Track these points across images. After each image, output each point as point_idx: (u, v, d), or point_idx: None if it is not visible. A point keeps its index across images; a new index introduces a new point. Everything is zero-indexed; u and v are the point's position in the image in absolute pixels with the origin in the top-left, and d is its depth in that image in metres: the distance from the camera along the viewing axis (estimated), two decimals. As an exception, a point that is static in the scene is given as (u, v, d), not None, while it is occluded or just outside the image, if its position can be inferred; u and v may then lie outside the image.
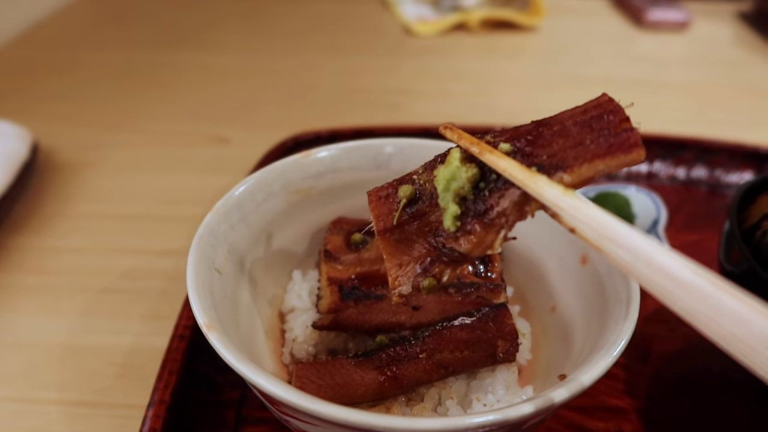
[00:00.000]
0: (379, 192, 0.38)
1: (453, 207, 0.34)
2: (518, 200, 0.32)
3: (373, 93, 1.00)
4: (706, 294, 0.24)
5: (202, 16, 1.32)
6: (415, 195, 0.36)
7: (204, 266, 0.38)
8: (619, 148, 0.31)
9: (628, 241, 0.27)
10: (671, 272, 0.25)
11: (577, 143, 0.32)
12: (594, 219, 0.28)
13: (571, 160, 0.32)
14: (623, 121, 0.32)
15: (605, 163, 0.31)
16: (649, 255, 0.26)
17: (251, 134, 0.86)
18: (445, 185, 0.35)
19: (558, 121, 0.33)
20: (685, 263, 0.25)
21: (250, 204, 0.44)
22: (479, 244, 0.33)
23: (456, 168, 0.34)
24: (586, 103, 0.33)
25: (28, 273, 0.61)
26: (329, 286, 0.43)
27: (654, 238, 0.57)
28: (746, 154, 0.72)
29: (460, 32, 1.22)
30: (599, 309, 0.40)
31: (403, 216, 0.36)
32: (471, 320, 0.39)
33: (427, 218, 0.36)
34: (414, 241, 0.36)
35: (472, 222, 0.33)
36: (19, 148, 0.71)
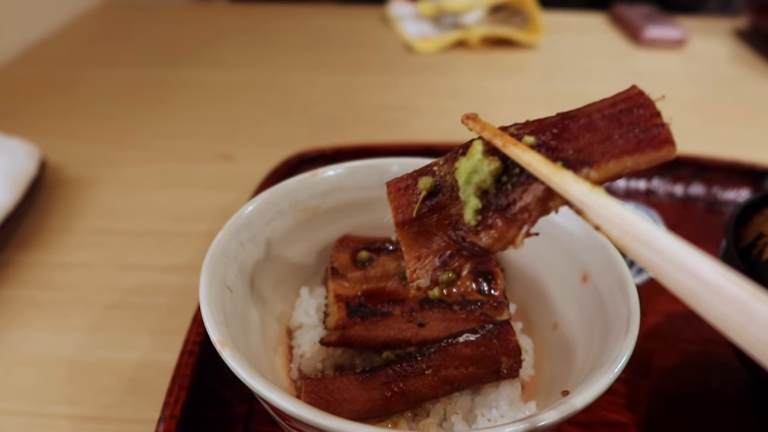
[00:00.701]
0: (398, 183, 0.38)
1: (474, 200, 0.33)
2: (542, 195, 0.31)
3: (373, 109, 1.01)
4: (739, 301, 0.23)
5: (201, 33, 1.34)
6: (435, 187, 0.36)
7: (216, 284, 0.39)
8: (648, 144, 0.30)
9: (656, 242, 0.25)
10: (702, 276, 0.24)
11: (605, 138, 0.31)
12: (621, 218, 0.27)
13: (598, 156, 0.30)
14: (654, 116, 0.31)
15: (634, 159, 0.30)
16: (678, 257, 0.24)
17: (254, 150, 0.88)
18: (466, 178, 0.34)
19: (585, 114, 0.32)
20: (717, 268, 0.24)
21: (259, 223, 0.45)
22: (500, 239, 0.32)
23: (478, 161, 0.33)
24: (614, 96, 0.33)
25: (36, 288, 0.62)
26: (336, 303, 0.44)
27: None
28: (743, 172, 0.73)
29: (460, 49, 1.24)
30: (600, 326, 0.41)
31: (422, 208, 0.36)
32: (475, 337, 0.40)
33: (447, 211, 0.35)
34: (433, 233, 0.35)
35: (494, 216, 0.32)
36: (27, 165, 0.72)
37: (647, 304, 0.58)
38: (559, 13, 1.45)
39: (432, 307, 0.43)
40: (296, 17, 1.43)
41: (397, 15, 1.36)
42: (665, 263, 0.25)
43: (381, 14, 1.42)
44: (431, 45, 1.23)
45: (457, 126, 0.38)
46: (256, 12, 1.48)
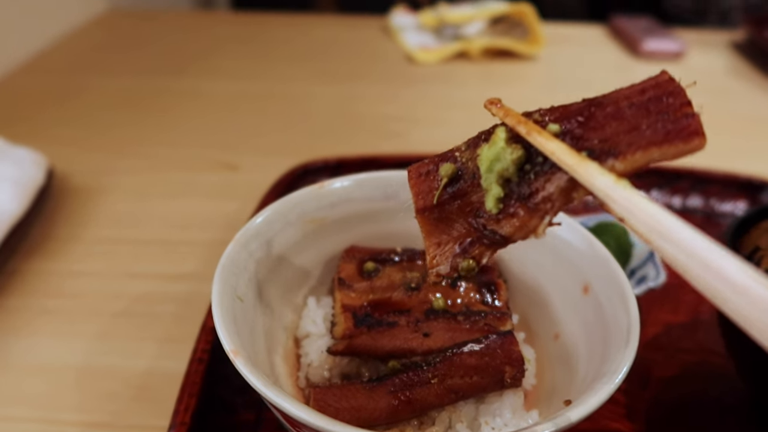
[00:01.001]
0: (419, 168, 0.37)
1: (496, 188, 0.33)
2: (565, 186, 0.31)
3: (374, 119, 1.02)
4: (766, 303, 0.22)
5: (203, 42, 1.35)
6: (456, 173, 0.35)
7: (227, 294, 0.40)
8: (677, 135, 0.29)
9: (683, 239, 0.25)
10: (728, 277, 0.23)
11: (632, 128, 0.30)
12: (647, 213, 0.26)
13: (624, 147, 0.29)
14: (684, 105, 0.30)
15: (661, 151, 0.29)
16: (705, 256, 0.24)
17: (257, 160, 0.89)
18: (488, 166, 0.33)
19: (612, 101, 0.31)
20: (745, 268, 0.23)
21: (268, 234, 0.47)
22: (522, 228, 0.32)
23: (501, 149, 0.33)
24: (643, 82, 0.31)
25: (45, 297, 0.63)
26: (343, 312, 0.45)
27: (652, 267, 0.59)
28: (740, 185, 0.75)
29: (460, 60, 1.26)
30: (601, 337, 0.42)
31: (443, 195, 0.35)
32: (479, 347, 0.41)
33: (469, 198, 0.35)
34: (454, 220, 0.35)
35: (516, 205, 0.32)
36: (35, 174, 0.73)
37: (647, 315, 0.59)
38: (558, 25, 1.46)
39: (437, 318, 0.44)
40: (297, 27, 1.44)
41: (399, 26, 1.37)
42: (691, 261, 0.24)
43: (382, 25, 1.43)
44: (432, 56, 1.24)
45: (459, 136, 0.39)
46: (257, 21, 1.49)
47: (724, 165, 0.77)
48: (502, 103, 0.36)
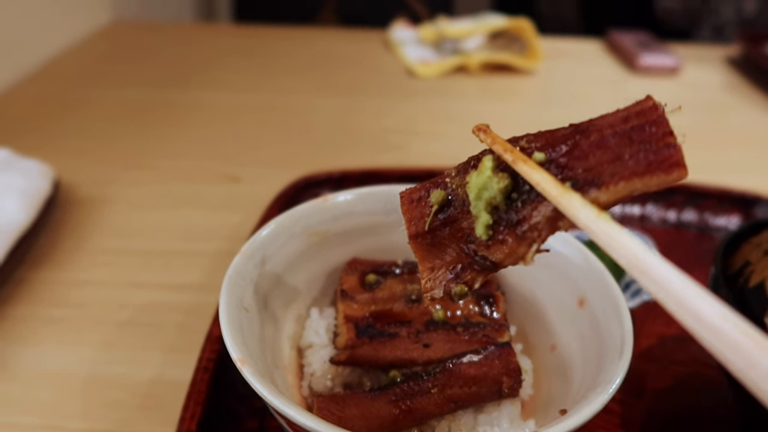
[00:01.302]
0: (411, 194, 0.38)
1: (485, 216, 0.33)
2: (551, 215, 0.32)
3: (374, 132, 1.04)
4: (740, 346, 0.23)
5: (205, 54, 1.37)
6: (447, 200, 0.36)
7: (234, 305, 0.41)
8: (659, 166, 0.29)
9: (661, 277, 0.25)
10: (704, 318, 0.24)
11: (615, 157, 0.30)
12: (627, 248, 0.27)
13: (607, 177, 0.30)
14: (666, 135, 0.30)
15: (644, 181, 0.29)
16: (682, 296, 0.24)
17: (259, 171, 0.90)
18: (476, 194, 0.34)
19: (597, 128, 0.32)
20: (722, 310, 0.24)
21: (273, 246, 0.48)
22: (511, 255, 0.33)
23: (488, 178, 0.33)
24: (628, 108, 0.32)
25: (51, 306, 0.64)
26: (346, 323, 0.46)
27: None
28: (733, 199, 0.76)
29: (460, 74, 1.28)
30: (596, 348, 0.43)
31: (434, 222, 0.36)
32: (478, 358, 0.43)
33: (459, 224, 0.35)
34: (446, 246, 0.36)
35: (505, 232, 0.33)
36: (42, 185, 0.74)
37: (641, 327, 0.60)
38: (556, 39, 1.48)
39: (437, 329, 0.46)
40: (299, 39, 1.46)
41: (399, 39, 1.39)
42: (669, 298, 0.25)
43: (383, 38, 1.45)
44: (432, 69, 1.26)
45: (458, 149, 0.40)
46: (258, 34, 1.51)
47: (718, 179, 0.79)
48: (490, 129, 0.36)
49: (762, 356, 0.22)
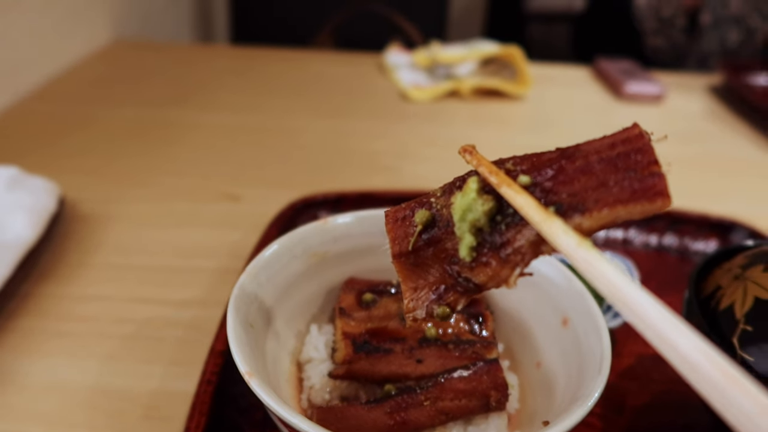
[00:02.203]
0: (396, 213, 0.38)
1: (469, 237, 0.33)
2: (534, 239, 0.32)
3: (368, 154, 1.07)
4: (714, 381, 0.23)
5: (203, 75, 1.41)
6: (432, 220, 0.36)
7: (240, 321, 0.44)
8: (643, 194, 0.29)
9: (639, 308, 0.26)
10: (680, 350, 0.24)
11: (600, 184, 0.30)
12: (606, 277, 0.27)
13: (591, 203, 0.30)
14: (651, 164, 0.30)
15: (627, 209, 0.29)
16: (659, 328, 0.25)
17: (257, 191, 0.93)
18: (461, 215, 0.34)
19: (583, 154, 0.32)
20: (697, 344, 0.24)
21: (276, 266, 0.51)
22: (494, 278, 0.33)
23: (472, 200, 0.33)
24: (615, 134, 0.32)
25: (57, 320, 0.66)
26: (343, 339, 0.49)
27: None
28: (712, 225, 0.80)
29: (452, 99, 1.32)
30: (577, 365, 0.46)
31: (419, 242, 0.36)
32: (468, 373, 0.46)
33: (443, 245, 0.35)
34: (430, 266, 0.36)
35: (488, 254, 0.33)
36: (48, 202, 0.77)
37: (622, 347, 0.63)
38: (545, 66, 1.53)
39: (429, 346, 0.49)
40: (295, 62, 1.50)
41: (393, 64, 1.43)
42: (647, 329, 0.25)
43: (377, 62, 1.49)
44: (425, 94, 1.30)
45: (450, 173, 0.41)
46: (255, 55, 1.55)
47: (698, 205, 0.83)
48: (476, 150, 0.36)
49: (736, 393, 0.23)
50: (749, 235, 0.78)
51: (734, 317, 0.46)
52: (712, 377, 0.23)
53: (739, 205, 0.91)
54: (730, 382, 0.23)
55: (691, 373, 0.24)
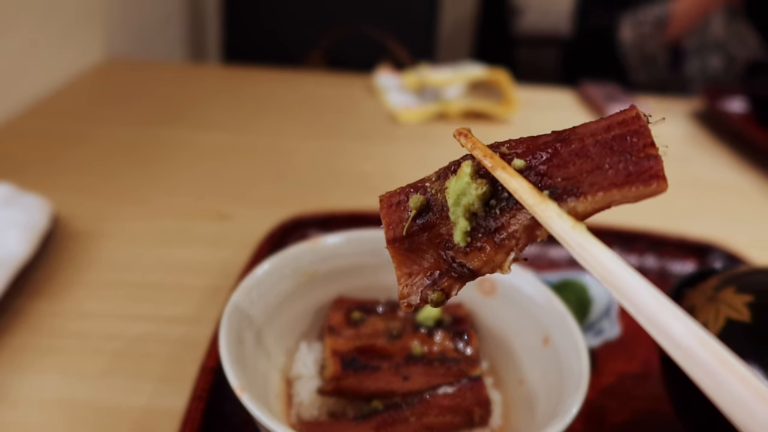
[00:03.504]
0: (391, 198, 0.37)
1: (463, 222, 0.33)
2: (529, 224, 0.31)
3: (357, 174, 1.09)
4: (708, 366, 0.23)
5: (194, 94, 1.43)
6: (426, 205, 0.35)
7: (233, 338, 0.45)
8: (638, 177, 0.29)
9: (632, 293, 0.25)
10: (674, 336, 0.24)
11: (595, 167, 0.30)
12: (599, 262, 0.26)
13: (586, 186, 0.29)
14: (647, 146, 0.29)
15: (622, 193, 0.29)
16: (653, 313, 0.24)
17: (247, 210, 0.95)
18: (455, 199, 0.33)
19: (578, 137, 0.31)
20: (692, 328, 0.24)
21: (267, 284, 0.52)
22: (488, 263, 0.33)
23: (466, 183, 0.33)
24: (610, 117, 0.31)
25: (50, 336, 0.67)
26: (332, 357, 0.50)
27: (608, 321, 0.66)
28: (690, 247, 0.82)
29: (440, 121, 1.34)
30: (558, 383, 0.48)
31: (413, 227, 0.35)
32: (452, 390, 0.47)
33: (438, 230, 0.35)
34: (424, 251, 0.35)
35: (483, 239, 0.32)
36: (41, 220, 0.78)
37: (603, 365, 0.65)
38: (532, 89, 1.57)
39: (415, 363, 0.50)
40: (286, 82, 1.52)
41: (383, 85, 1.46)
42: (639, 314, 0.25)
43: (367, 83, 1.52)
44: (413, 116, 1.33)
45: None
46: (247, 75, 1.57)
47: (679, 226, 0.85)
48: (471, 133, 0.36)
49: (729, 378, 0.22)
50: (726, 257, 0.80)
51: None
52: (705, 362, 0.23)
53: (717, 227, 0.94)
54: (724, 366, 0.23)
55: (683, 358, 0.24)
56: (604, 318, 0.66)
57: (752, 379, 0.22)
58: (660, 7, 1.66)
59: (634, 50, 1.73)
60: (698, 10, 1.61)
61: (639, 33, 1.70)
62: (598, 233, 0.30)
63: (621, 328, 0.65)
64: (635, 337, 0.68)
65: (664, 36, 1.65)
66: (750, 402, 0.22)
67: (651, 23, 1.67)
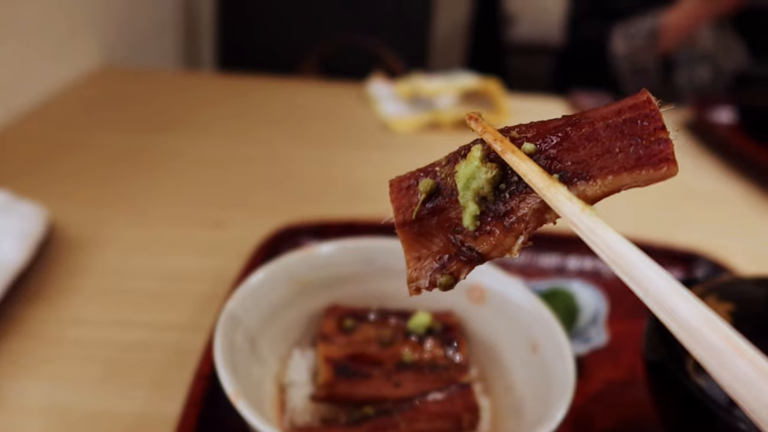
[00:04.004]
0: (401, 182, 0.37)
1: (472, 206, 0.33)
2: (538, 207, 0.31)
3: (351, 183, 1.11)
4: (718, 350, 0.23)
5: (189, 102, 1.43)
6: (436, 189, 0.35)
7: (227, 345, 0.46)
8: (648, 161, 0.28)
9: (641, 276, 0.25)
10: (681, 317, 0.24)
11: (605, 151, 0.30)
12: (608, 245, 0.26)
13: (596, 170, 0.30)
14: (658, 130, 0.29)
15: (632, 176, 0.29)
16: (661, 295, 0.25)
17: (241, 218, 0.96)
18: (464, 183, 0.33)
19: (589, 121, 0.31)
20: (700, 310, 0.24)
21: (261, 292, 0.53)
22: (497, 246, 0.33)
23: (476, 167, 0.33)
24: (622, 101, 0.31)
25: (45, 343, 0.68)
26: (325, 364, 0.51)
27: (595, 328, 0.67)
28: (676, 255, 0.84)
29: (432, 130, 1.36)
30: (545, 389, 0.49)
31: (422, 211, 0.35)
32: (442, 396, 0.48)
33: (447, 214, 0.35)
34: (433, 235, 0.35)
35: (492, 223, 0.33)
36: (37, 227, 0.79)
37: (591, 372, 0.67)
38: (523, 98, 1.58)
39: (406, 370, 0.51)
40: (280, 90, 1.54)
41: (376, 95, 1.47)
42: (647, 298, 0.25)
43: (360, 92, 1.54)
44: (406, 125, 1.34)
45: None
46: (241, 84, 1.58)
47: (665, 235, 0.87)
48: (482, 117, 0.36)
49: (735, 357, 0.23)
50: (711, 265, 0.82)
51: (689, 344, 0.49)
52: (713, 343, 0.23)
53: (704, 236, 0.96)
54: (732, 347, 0.23)
55: (690, 339, 0.24)
56: (592, 326, 0.67)
57: (760, 360, 0.22)
58: (651, 20, 1.68)
59: (626, 62, 1.75)
60: (689, 22, 1.63)
61: (631, 46, 1.72)
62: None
63: (608, 336, 0.67)
64: (622, 344, 0.69)
65: (656, 49, 1.67)
66: (757, 382, 0.22)
67: (643, 37, 1.69)
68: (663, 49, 1.68)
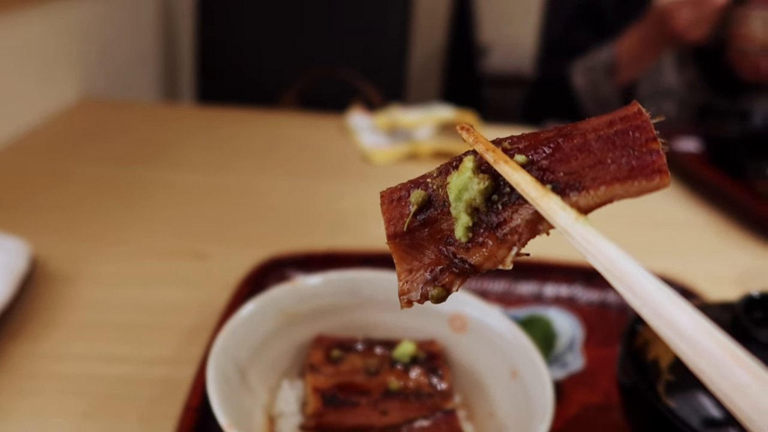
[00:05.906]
0: (392, 194, 0.37)
1: (465, 217, 0.33)
2: (531, 218, 0.31)
3: (332, 213, 1.13)
4: (713, 356, 0.23)
5: (169, 134, 1.45)
6: (427, 200, 0.35)
7: (219, 377, 0.48)
8: (640, 172, 0.29)
9: (636, 285, 0.25)
10: (678, 326, 0.24)
11: (597, 162, 0.30)
12: (603, 254, 0.27)
13: (588, 181, 0.30)
14: (649, 141, 0.29)
15: (624, 187, 0.29)
16: (657, 304, 0.24)
17: (225, 250, 0.97)
18: (457, 194, 0.33)
19: (581, 132, 0.31)
20: (697, 320, 0.23)
21: (249, 325, 0.55)
22: (490, 258, 0.32)
23: (468, 178, 0.33)
24: (613, 113, 0.31)
25: (30, 378, 0.68)
26: (313, 394, 0.53)
27: (572, 354, 0.70)
28: (648, 282, 0.87)
29: (411, 161, 1.39)
30: (525, 414, 0.51)
31: (413, 222, 0.35)
32: (428, 423, 0.50)
33: (439, 226, 0.35)
34: (425, 247, 0.35)
35: (485, 234, 0.33)
36: (20, 261, 0.79)
37: (569, 396, 0.69)
38: (497, 128, 1.63)
39: (393, 398, 0.53)
40: (260, 122, 1.56)
41: (356, 126, 1.51)
42: (644, 307, 0.25)
43: (340, 124, 1.57)
44: (385, 156, 1.37)
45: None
46: (221, 116, 1.61)
47: (643, 263, 0.90)
48: (474, 128, 0.36)
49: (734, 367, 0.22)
50: (680, 290, 0.85)
51: (659, 368, 0.52)
52: (712, 353, 0.23)
53: (672, 262, 0.99)
54: (730, 357, 0.22)
55: (688, 349, 0.23)
56: (569, 351, 0.70)
57: (760, 370, 0.22)
58: (607, 51, 1.73)
59: (588, 95, 1.80)
60: (642, 47, 1.65)
61: (590, 79, 1.77)
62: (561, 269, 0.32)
63: (584, 361, 0.69)
64: (598, 369, 0.71)
65: (615, 80, 1.72)
66: (756, 391, 0.22)
67: (600, 69, 1.74)
68: (622, 80, 1.73)
